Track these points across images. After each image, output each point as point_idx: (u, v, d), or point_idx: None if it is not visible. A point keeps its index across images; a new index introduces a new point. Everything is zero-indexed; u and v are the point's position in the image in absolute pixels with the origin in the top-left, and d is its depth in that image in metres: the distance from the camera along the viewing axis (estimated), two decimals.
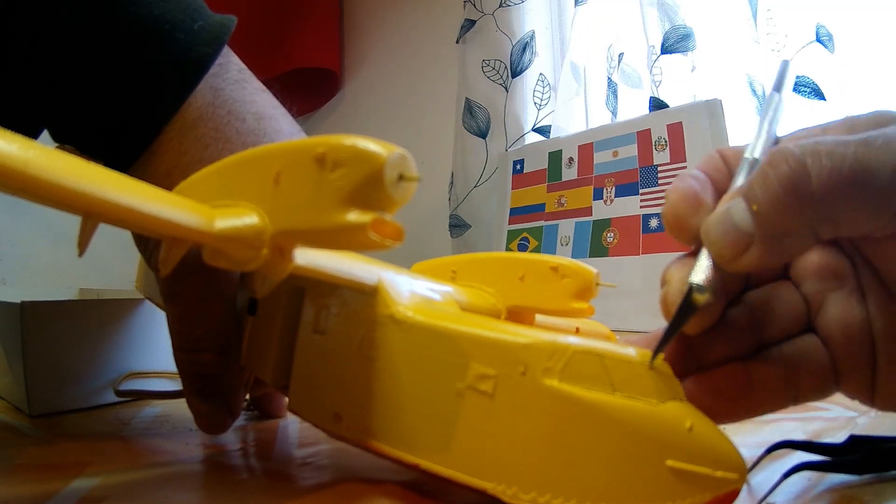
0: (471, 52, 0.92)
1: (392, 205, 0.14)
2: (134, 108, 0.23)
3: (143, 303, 0.32)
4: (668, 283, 0.17)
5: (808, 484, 0.19)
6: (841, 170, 0.14)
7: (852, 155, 0.14)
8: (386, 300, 0.19)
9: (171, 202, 0.15)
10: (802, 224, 0.14)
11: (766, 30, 0.66)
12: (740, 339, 0.17)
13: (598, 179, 0.72)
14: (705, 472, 0.13)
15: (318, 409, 0.20)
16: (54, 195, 0.12)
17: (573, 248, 0.73)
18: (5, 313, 0.30)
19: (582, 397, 0.15)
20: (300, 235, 0.15)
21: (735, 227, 0.15)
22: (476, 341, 0.17)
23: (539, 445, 0.15)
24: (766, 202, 0.14)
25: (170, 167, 0.23)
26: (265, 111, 0.25)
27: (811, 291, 0.18)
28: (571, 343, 0.15)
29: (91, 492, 0.19)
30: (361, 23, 1.27)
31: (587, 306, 0.27)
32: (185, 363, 0.23)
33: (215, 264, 0.16)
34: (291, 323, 0.21)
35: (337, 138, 0.15)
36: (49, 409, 0.29)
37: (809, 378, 0.17)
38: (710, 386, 0.17)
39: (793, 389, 0.17)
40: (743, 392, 0.17)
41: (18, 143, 0.12)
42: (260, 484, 0.21)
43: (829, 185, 0.14)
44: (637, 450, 0.14)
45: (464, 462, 0.16)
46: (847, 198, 0.14)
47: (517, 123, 0.88)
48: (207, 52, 0.24)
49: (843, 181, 0.14)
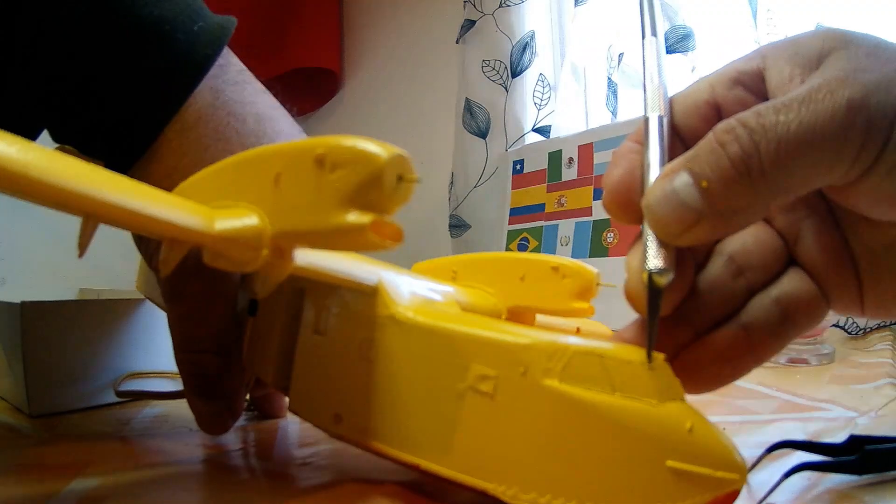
0: (471, 53, 0.92)
1: (391, 206, 0.14)
2: (134, 109, 0.23)
3: (143, 303, 0.32)
4: (628, 274, 0.16)
5: (808, 484, 0.19)
6: (789, 141, 0.14)
7: (798, 122, 0.14)
8: (386, 301, 0.19)
9: (171, 203, 0.15)
10: (756, 198, 0.14)
11: (766, 30, 0.66)
12: (729, 292, 0.17)
13: (598, 179, 0.72)
14: (706, 472, 0.13)
15: (319, 410, 0.20)
16: (55, 197, 0.12)
17: (573, 248, 0.73)
18: (5, 313, 0.30)
19: (582, 398, 0.15)
20: (300, 236, 0.15)
21: (682, 204, 0.14)
22: (476, 342, 0.17)
23: (539, 446, 0.15)
24: (718, 180, 0.14)
25: (170, 168, 0.23)
26: (265, 112, 0.25)
27: (784, 225, 0.18)
28: (571, 343, 0.15)
29: (91, 492, 0.19)
30: (361, 23, 1.27)
31: (588, 306, 0.27)
32: (186, 363, 0.23)
33: (215, 265, 0.16)
34: (292, 324, 0.21)
35: (336, 139, 0.15)
36: (49, 409, 0.29)
37: (803, 310, 0.17)
38: (711, 353, 0.16)
39: (789, 326, 0.17)
40: (745, 348, 0.16)
41: (19, 146, 0.12)
42: (260, 484, 0.21)
43: (781, 159, 0.14)
44: (637, 450, 0.14)
45: (464, 462, 0.16)
46: (800, 166, 0.14)
47: (517, 123, 0.88)
48: (207, 53, 0.24)
49: (793, 152, 0.14)
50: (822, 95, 0.14)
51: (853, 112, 0.14)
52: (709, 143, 0.15)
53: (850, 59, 0.15)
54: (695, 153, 0.15)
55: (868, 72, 0.14)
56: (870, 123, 0.14)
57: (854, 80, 0.14)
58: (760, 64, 0.17)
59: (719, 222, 0.15)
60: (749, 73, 0.17)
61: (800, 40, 0.16)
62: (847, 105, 0.14)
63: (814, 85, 0.14)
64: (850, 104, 0.14)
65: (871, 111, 0.14)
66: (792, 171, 0.14)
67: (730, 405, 0.29)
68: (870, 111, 0.14)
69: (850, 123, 0.14)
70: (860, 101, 0.14)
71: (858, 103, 0.14)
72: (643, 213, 0.16)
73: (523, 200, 0.81)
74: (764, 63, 0.17)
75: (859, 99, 0.14)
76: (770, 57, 0.17)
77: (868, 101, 0.14)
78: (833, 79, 0.14)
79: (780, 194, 0.14)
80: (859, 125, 0.14)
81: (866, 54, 0.15)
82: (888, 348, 0.43)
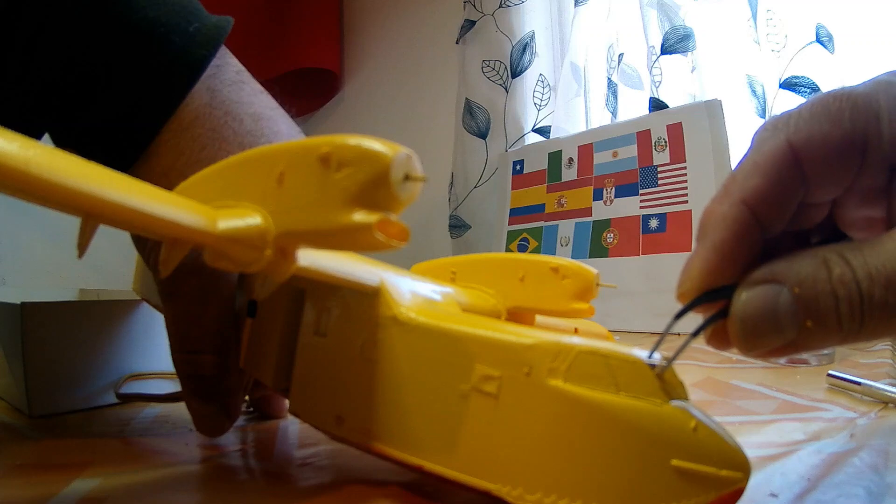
0: (471, 53, 0.92)
1: (398, 205, 0.14)
2: (130, 110, 0.24)
3: (143, 304, 0.32)
4: (683, 281, 0.16)
5: (808, 484, 0.19)
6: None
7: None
8: (388, 301, 0.18)
9: (172, 202, 0.15)
10: (840, 342, 0.14)
11: (766, 30, 0.66)
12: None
13: (597, 180, 0.72)
14: (710, 471, 0.13)
15: (320, 412, 0.20)
16: (56, 195, 0.12)
17: (573, 248, 0.73)
18: (5, 313, 0.30)
19: (586, 398, 0.15)
20: (304, 236, 0.15)
21: (777, 326, 0.14)
22: (480, 342, 0.17)
23: (543, 446, 0.15)
24: (817, 327, 0.14)
25: (167, 168, 0.23)
26: (263, 112, 0.25)
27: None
28: (576, 343, 0.15)
29: (91, 492, 0.19)
30: (361, 23, 1.27)
31: (588, 307, 0.27)
32: (183, 364, 0.23)
33: (217, 266, 0.16)
34: (292, 325, 0.21)
35: (342, 138, 0.15)
36: (49, 410, 0.29)
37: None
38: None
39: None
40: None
41: (19, 143, 0.11)
42: (260, 485, 0.21)
43: (881, 333, 0.14)
44: (641, 450, 0.14)
45: (468, 463, 0.16)
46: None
47: (517, 124, 0.88)
48: (203, 53, 0.24)
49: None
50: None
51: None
52: (824, 284, 0.14)
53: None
54: (806, 284, 0.14)
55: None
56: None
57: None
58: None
59: (794, 350, 0.15)
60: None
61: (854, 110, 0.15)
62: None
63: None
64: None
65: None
66: (883, 335, 0.14)
67: (729, 405, 0.29)
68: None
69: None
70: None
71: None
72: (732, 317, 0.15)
73: (523, 201, 0.81)
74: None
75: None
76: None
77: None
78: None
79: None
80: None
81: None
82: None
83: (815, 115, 0.15)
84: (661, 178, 0.66)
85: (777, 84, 0.66)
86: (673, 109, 0.68)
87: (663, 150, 0.66)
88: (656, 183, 0.66)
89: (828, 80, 0.62)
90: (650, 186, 0.67)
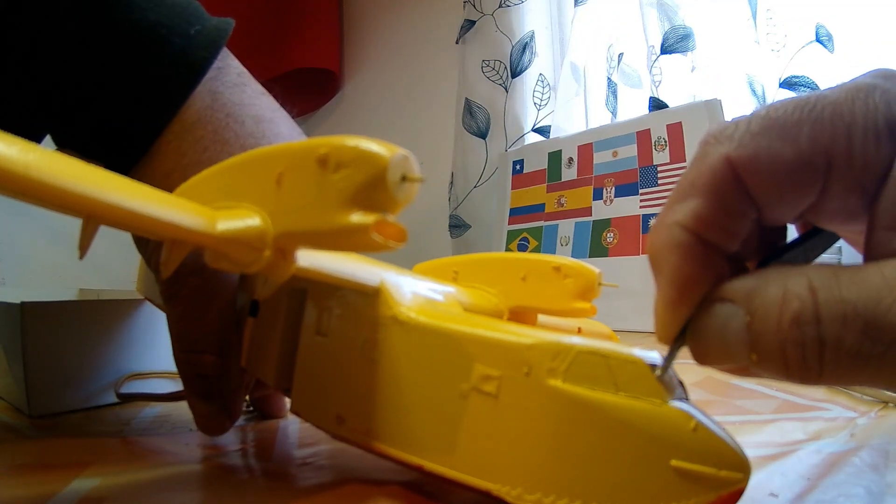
0: (471, 53, 0.92)
1: (395, 206, 0.14)
2: (132, 113, 0.24)
3: (143, 304, 0.32)
4: (654, 230, 0.14)
5: (808, 484, 0.19)
6: (859, 373, 0.12)
7: (882, 358, 0.11)
8: (389, 301, 0.18)
9: (172, 204, 0.15)
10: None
11: (766, 30, 0.66)
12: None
13: (597, 179, 0.72)
14: (710, 472, 0.13)
15: (321, 411, 0.20)
16: (56, 198, 0.12)
17: (573, 248, 0.73)
18: (5, 313, 0.30)
19: (586, 398, 0.15)
20: (302, 237, 0.15)
21: (728, 349, 0.13)
22: (480, 342, 0.17)
23: (543, 446, 0.15)
24: (769, 363, 0.12)
25: (168, 169, 0.23)
26: (264, 114, 0.25)
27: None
28: (575, 343, 0.15)
29: (91, 492, 0.19)
30: (361, 23, 1.27)
31: (590, 306, 0.27)
32: (185, 364, 0.23)
33: (217, 266, 0.16)
34: (293, 325, 0.21)
35: (340, 139, 0.15)
36: (49, 409, 0.29)
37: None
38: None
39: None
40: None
41: (19, 146, 0.12)
42: (260, 484, 0.21)
43: (845, 379, 0.12)
44: (641, 450, 0.14)
45: (468, 463, 0.16)
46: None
47: (517, 123, 0.88)
48: (204, 55, 0.24)
49: (858, 379, 0.12)
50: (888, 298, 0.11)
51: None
52: (772, 322, 0.12)
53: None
54: (758, 315, 0.12)
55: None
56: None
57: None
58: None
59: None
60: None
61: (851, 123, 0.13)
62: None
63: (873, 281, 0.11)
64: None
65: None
66: (859, 383, 0.12)
67: (729, 405, 0.29)
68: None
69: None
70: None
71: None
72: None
73: (523, 200, 0.81)
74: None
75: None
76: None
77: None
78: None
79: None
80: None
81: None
82: None
83: (766, 130, 0.13)
84: (661, 177, 0.66)
85: (777, 84, 0.66)
86: (673, 109, 0.68)
87: (663, 150, 0.66)
88: (656, 183, 0.66)
89: (827, 80, 0.62)
90: (650, 186, 0.67)
